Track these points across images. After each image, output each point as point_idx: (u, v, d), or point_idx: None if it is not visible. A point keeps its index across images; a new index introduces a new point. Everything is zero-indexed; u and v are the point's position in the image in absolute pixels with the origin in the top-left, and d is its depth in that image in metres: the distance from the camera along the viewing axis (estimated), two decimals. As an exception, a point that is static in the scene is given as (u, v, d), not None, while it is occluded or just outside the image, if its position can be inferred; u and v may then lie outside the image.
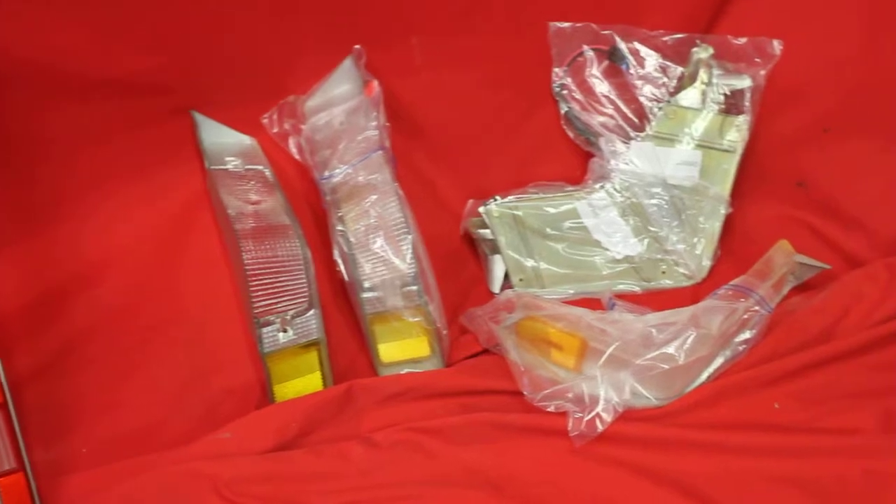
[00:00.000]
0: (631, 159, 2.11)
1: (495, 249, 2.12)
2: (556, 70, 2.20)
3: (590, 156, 2.19)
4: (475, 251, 2.20)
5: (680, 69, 2.17)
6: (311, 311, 1.84)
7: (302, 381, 1.87)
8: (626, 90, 2.19)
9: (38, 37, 1.83)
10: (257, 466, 1.70)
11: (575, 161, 2.23)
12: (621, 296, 2.03)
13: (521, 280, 2.12)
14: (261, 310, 1.81)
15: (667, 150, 2.11)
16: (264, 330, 1.81)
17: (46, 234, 1.92)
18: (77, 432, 1.83)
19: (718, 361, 1.82)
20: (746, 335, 1.85)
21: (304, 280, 1.84)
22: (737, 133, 2.10)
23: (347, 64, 2.08)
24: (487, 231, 2.11)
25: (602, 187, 2.13)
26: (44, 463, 1.73)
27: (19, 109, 1.88)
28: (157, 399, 1.87)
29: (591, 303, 1.98)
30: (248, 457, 1.72)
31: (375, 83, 2.04)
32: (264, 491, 1.65)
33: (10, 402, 1.63)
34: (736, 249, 2.16)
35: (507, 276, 2.13)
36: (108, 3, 1.85)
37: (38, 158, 1.92)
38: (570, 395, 1.75)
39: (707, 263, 2.13)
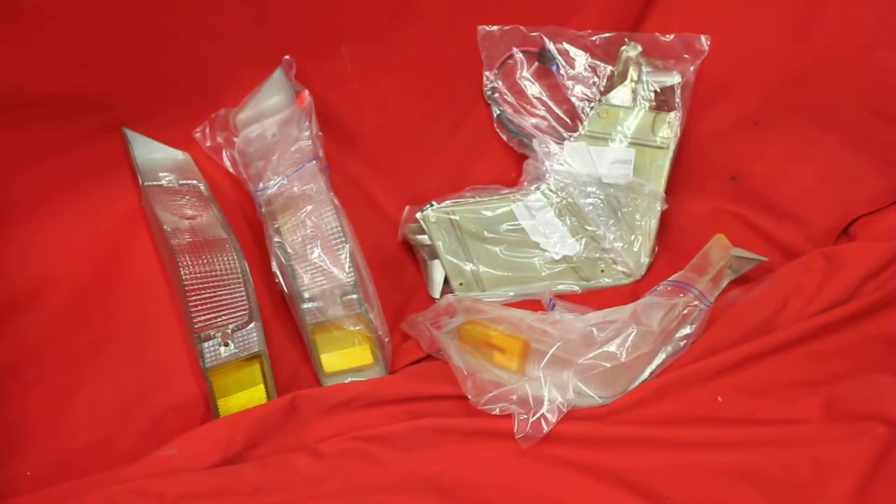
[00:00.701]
0: (565, 160, 2.12)
1: (434, 255, 2.12)
2: (487, 73, 2.21)
3: (524, 158, 2.20)
4: (414, 257, 2.20)
5: (610, 68, 2.18)
6: (252, 324, 1.84)
7: (245, 395, 1.86)
8: (557, 91, 2.19)
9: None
10: (204, 482, 1.69)
11: (510, 163, 2.24)
12: (561, 296, 2.04)
13: (460, 284, 2.12)
14: (201, 324, 1.80)
15: (600, 150, 2.12)
16: (205, 344, 1.80)
17: (-13, 254, 1.91)
18: (20, 454, 1.82)
19: (660, 357, 1.83)
20: (687, 330, 1.86)
21: (244, 293, 1.83)
22: (669, 129, 2.11)
23: (278, 75, 2.08)
24: (425, 237, 2.12)
25: (538, 188, 2.14)
26: (-12, 486, 1.73)
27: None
28: (101, 417, 1.86)
29: (532, 304, 1.99)
30: (195, 473, 1.71)
31: (306, 93, 2.03)
32: (212, 506, 1.65)
33: (-49, 427, 1.62)
34: (673, 245, 2.17)
35: (446, 280, 2.14)
36: (34, 21, 1.83)
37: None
38: (514, 397, 1.75)
39: (645, 260, 2.15)
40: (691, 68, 2.14)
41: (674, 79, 2.13)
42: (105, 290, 1.96)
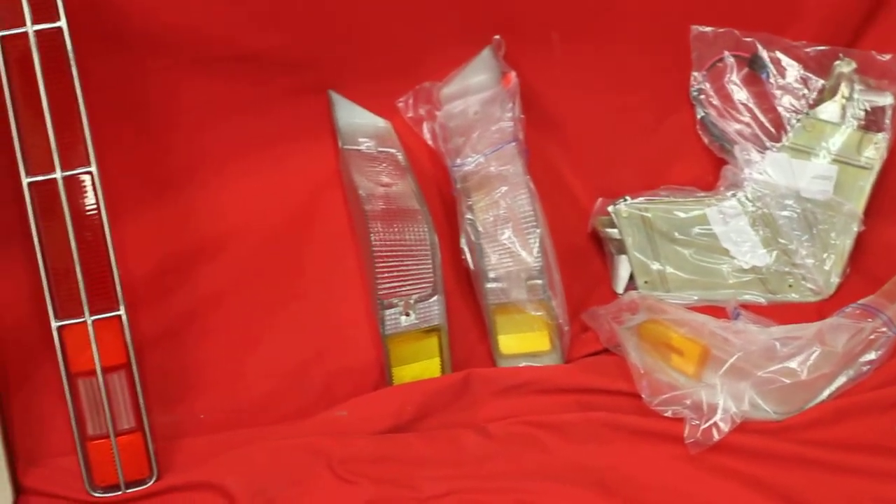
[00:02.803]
0: (765, 169, 2.09)
1: (622, 250, 2.11)
2: (695, 74, 2.19)
3: (723, 163, 2.17)
4: (601, 250, 2.18)
5: (821, 82, 2.14)
6: (435, 297, 1.85)
7: (420, 366, 1.88)
8: (764, 99, 2.16)
9: (186, 5, 1.86)
10: (371, 447, 1.72)
11: (708, 167, 2.21)
12: (746, 306, 2.01)
13: (645, 282, 2.10)
14: (385, 292, 1.82)
15: (802, 163, 2.08)
16: (387, 312, 1.82)
17: (178, 201, 1.97)
18: (196, 398, 1.87)
19: (841, 380, 1.80)
20: (871, 356, 1.82)
21: (430, 265, 1.84)
22: (875, 150, 2.07)
23: (486, 54, 2.09)
24: (615, 231, 2.10)
25: (734, 195, 2.11)
26: (162, 425, 1.77)
27: (162, 78, 1.92)
28: (277, 372, 1.90)
29: (716, 311, 1.96)
30: (363, 436, 1.74)
31: (513, 74, 2.03)
32: (376, 471, 1.67)
33: (133, 364, 1.66)
34: (866, 268, 2.12)
35: (631, 277, 2.12)
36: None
37: (175, 126, 1.96)
38: (688, 401, 1.74)
39: (835, 280, 2.10)
40: (905, 91, 2.10)
41: (886, 99, 2.09)
42: (294, 248, 2.00)
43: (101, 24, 1.81)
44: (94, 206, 1.63)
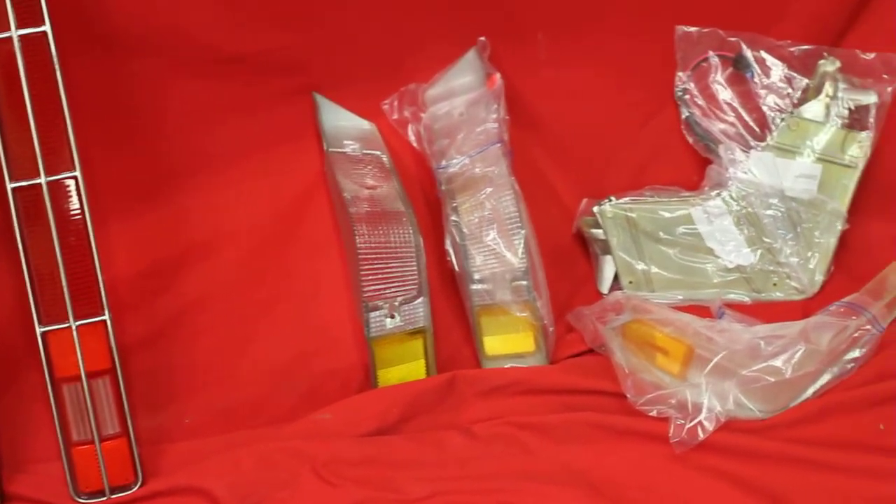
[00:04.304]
0: (749, 168, 2.09)
1: (606, 250, 2.11)
2: (680, 74, 2.19)
3: (708, 162, 2.17)
4: (586, 250, 2.19)
5: (805, 81, 2.14)
6: (420, 299, 1.85)
7: (405, 368, 1.88)
8: (748, 98, 2.16)
9: (171, 7, 1.86)
10: (355, 449, 1.72)
11: (692, 167, 2.22)
12: (731, 305, 2.01)
13: (630, 282, 2.11)
14: (370, 294, 1.82)
15: (786, 162, 2.09)
16: (372, 314, 1.82)
17: (166, 204, 1.97)
18: (181, 402, 1.87)
19: (825, 378, 1.80)
20: (856, 353, 1.82)
21: (415, 267, 1.85)
22: (859, 149, 2.07)
23: (471, 55, 2.09)
24: (600, 231, 2.10)
25: (718, 195, 2.11)
26: (147, 430, 1.78)
27: (147, 80, 1.92)
28: (263, 375, 1.91)
29: (700, 310, 1.96)
30: (348, 439, 1.75)
31: (498, 76, 2.04)
32: (361, 474, 1.67)
33: (118, 369, 1.67)
34: (850, 266, 2.12)
35: (616, 277, 2.12)
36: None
37: (161, 130, 1.96)
38: (673, 400, 1.74)
39: (820, 278, 2.11)
40: (889, 89, 2.09)
41: (870, 98, 2.09)
42: (280, 250, 2.00)
43: (87, 27, 1.82)
44: (79, 211, 1.63)
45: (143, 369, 1.84)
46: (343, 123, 2.08)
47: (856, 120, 2.10)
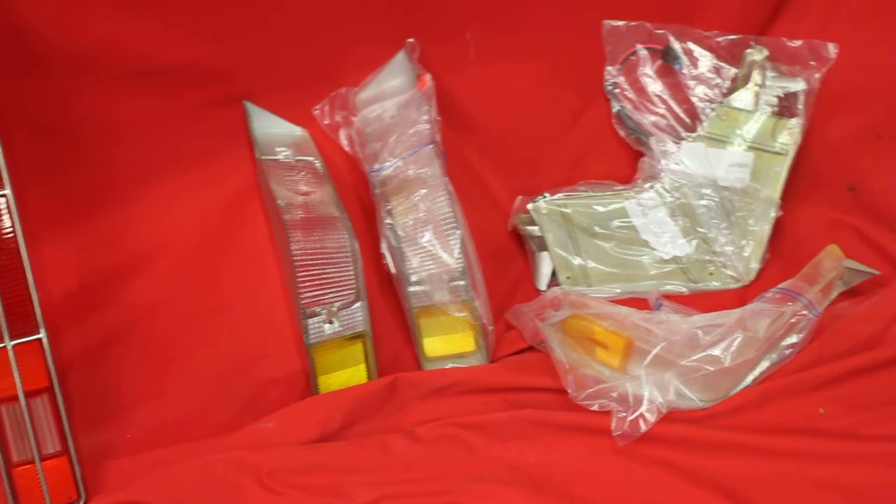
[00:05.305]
0: (682, 159, 2.11)
1: (543, 246, 2.12)
2: (609, 68, 2.20)
3: (640, 155, 2.19)
4: (523, 248, 2.20)
5: (733, 70, 2.16)
6: (358, 304, 1.85)
7: (346, 373, 1.88)
8: (678, 90, 2.18)
9: (97, 23, 1.85)
10: (300, 457, 1.71)
11: (625, 160, 2.23)
12: (668, 296, 2.02)
13: (568, 278, 2.11)
14: (308, 300, 1.81)
15: (718, 152, 2.10)
16: (310, 321, 1.82)
17: (95, 220, 1.95)
18: (121, 418, 1.85)
19: (764, 365, 1.81)
20: (793, 339, 1.83)
21: (352, 272, 1.84)
22: (789, 136, 2.09)
23: (400, 57, 2.09)
24: (535, 228, 2.11)
25: (652, 187, 2.13)
26: (88, 447, 1.76)
27: (70, 96, 1.90)
28: (202, 387, 1.89)
29: (638, 302, 1.97)
30: (291, 447, 1.73)
31: (428, 77, 2.04)
32: (306, 481, 1.66)
33: (56, 387, 1.64)
34: (785, 253, 2.14)
35: (554, 273, 2.13)
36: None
37: (92, 145, 1.94)
38: (614, 394, 1.74)
39: (755, 266, 2.12)
40: (816, 76, 2.11)
41: (798, 85, 2.11)
42: (214, 261, 1.99)
43: (13, 45, 1.80)
44: (11, 230, 1.61)
45: (82, 386, 1.82)
46: (275, 130, 2.07)
47: (785, 107, 2.12)
